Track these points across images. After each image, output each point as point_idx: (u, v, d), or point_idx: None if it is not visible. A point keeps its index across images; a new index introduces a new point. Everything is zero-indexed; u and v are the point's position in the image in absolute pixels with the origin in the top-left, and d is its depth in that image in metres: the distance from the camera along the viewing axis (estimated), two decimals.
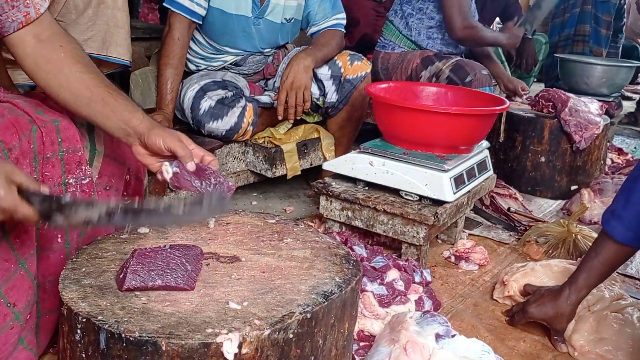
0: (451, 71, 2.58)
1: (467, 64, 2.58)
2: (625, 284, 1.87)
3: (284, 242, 1.21)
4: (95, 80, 1.19)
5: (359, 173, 1.92)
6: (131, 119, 1.18)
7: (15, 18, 1.14)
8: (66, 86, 1.17)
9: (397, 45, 2.83)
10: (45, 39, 1.18)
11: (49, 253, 1.19)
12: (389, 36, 2.86)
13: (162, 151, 1.18)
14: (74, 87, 1.17)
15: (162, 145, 1.16)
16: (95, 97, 1.17)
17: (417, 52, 2.76)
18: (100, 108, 1.18)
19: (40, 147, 1.16)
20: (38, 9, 1.17)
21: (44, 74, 1.18)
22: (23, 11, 1.15)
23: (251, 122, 2.17)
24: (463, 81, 2.52)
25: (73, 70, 1.18)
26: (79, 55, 1.21)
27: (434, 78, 2.63)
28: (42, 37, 1.18)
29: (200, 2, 2.13)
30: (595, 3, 4.40)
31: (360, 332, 1.45)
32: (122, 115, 1.18)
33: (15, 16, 1.14)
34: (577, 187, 2.67)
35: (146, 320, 0.90)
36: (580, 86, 3.64)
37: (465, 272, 1.92)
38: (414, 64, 2.74)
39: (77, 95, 1.17)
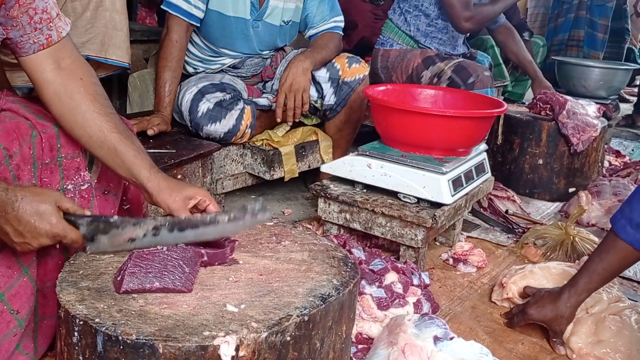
0: (453, 72, 2.58)
1: (470, 65, 2.59)
2: (623, 286, 1.87)
3: (281, 244, 1.21)
4: (110, 125, 1.18)
5: (357, 175, 1.92)
6: (140, 173, 1.18)
7: (36, 40, 1.14)
8: (81, 124, 1.17)
9: (396, 42, 2.84)
10: (65, 67, 1.18)
11: (47, 258, 1.19)
12: (388, 33, 2.88)
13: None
14: (89, 128, 1.17)
15: (167, 211, 1.18)
16: (108, 144, 1.17)
17: (418, 52, 2.76)
18: (111, 155, 1.18)
19: (39, 153, 1.16)
20: (60, 32, 1.17)
21: (62, 106, 1.17)
22: (45, 34, 1.15)
23: (249, 125, 2.17)
24: (465, 82, 2.53)
25: (90, 110, 1.17)
26: (96, 93, 1.20)
27: (436, 78, 2.64)
28: (63, 65, 1.18)
29: (198, 4, 2.13)
30: (591, 8, 4.41)
31: (359, 335, 1.44)
32: (132, 168, 1.18)
33: (37, 38, 1.14)
34: (574, 189, 2.68)
35: (143, 322, 0.89)
36: (578, 89, 3.65)
37: (464, 274, 1.92)
38: (414, 63, 2.74)
39: (91, 137, 1.17)
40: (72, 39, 1.23)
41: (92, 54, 1.95)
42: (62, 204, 1.04)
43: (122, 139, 1.18)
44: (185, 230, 1.06)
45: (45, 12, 1.14)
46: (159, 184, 1.17)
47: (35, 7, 1.12)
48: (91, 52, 1.95)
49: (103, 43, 1.96)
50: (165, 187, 1.17)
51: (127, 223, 1.06)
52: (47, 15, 1.14)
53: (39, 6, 1.12)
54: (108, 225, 1.05)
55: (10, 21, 1.10)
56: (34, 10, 1.12)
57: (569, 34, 4.52)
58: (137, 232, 1.05)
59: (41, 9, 1.13)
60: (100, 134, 1.17)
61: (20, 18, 1.10)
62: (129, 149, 1.18)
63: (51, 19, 1.15)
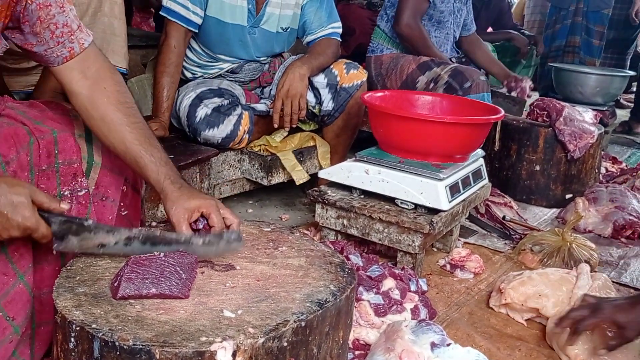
0: (450, 76, 2.59)
1: (466, 70, 2.60)
2: (620, 292, 1.87)
3: (279, 250, 1.21)
4: (132, 135, 1.22)
5: (354, 181, 1.92)
6: (157, 184, 1.21)
7: (60, 53, 1.19)
8: (106, 135, 1.22)
9: (385, 47, 2.88)
10: (90, 76, 1.22)
11: (44, 265, 1.18)
12: (377, 39, 2.92)
13: None
14: (113, 139, 1.22)
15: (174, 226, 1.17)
16: (129, 154, 1.22)
17: (411, 57, 2.78)
18: (133, 165, 1.23)
19: (36, 159, 1.16)
20: (82, 44, 1.22)
21: (89, 117, 1.23)
22: (68, 47, 1.19)
23: (247, 130, 2.18)
24: (462, 86, 2.54)
25: (113, 120, 1.22)
26: (119, 102, 1.24)
27: (432, 83, 2.65)
28: (88, 74, 1.22)
29: (196, 10, 2.14)
30: (587, 14, 4.44)
31: (356, 341, 1.44)
32: (150, 177, 1.22)
33: (60, 51, 1.18)
34: (571, 195, 2.68)
35: (140, 328, 0.89)
36: (575, 95, 3.67)
37: (461, 280, 1.92)
38: (409, 69, 2.75)
39: (115, 147, 1.23)
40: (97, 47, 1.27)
41: None
42: (37, 198, 1.03)
43: (141, 151, 1.21)
44: (158, 246, 1.06)
45: (66, 25, 1.18)
46: (167, 195, 1.19)
47: (56, 22, 1.16)
48: None
49: (101, 48, 1.95)
50: (172, 198, 1.18)
51: (100, 229, 1.06)
52: (68, 28, 1.18)
53: (60, 20, 1.16)
54: (81, 228, 1.06)
55: (34, 37, 1.15)
56: (55, 25, 1.16)
57: (566, 40, 4.55)
58: (108, 239, 1.05)
59: (62, 23, 1.17)
60: (122, 146, 1.22)
61: (43, 33, 1.15)
62: (147, 162, 1.21)
63: (72, 32, 1.19)
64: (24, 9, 1.11)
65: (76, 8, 1.89)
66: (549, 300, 1.64)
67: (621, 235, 2.36)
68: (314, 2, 2.35)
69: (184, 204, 1.17)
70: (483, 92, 2.54)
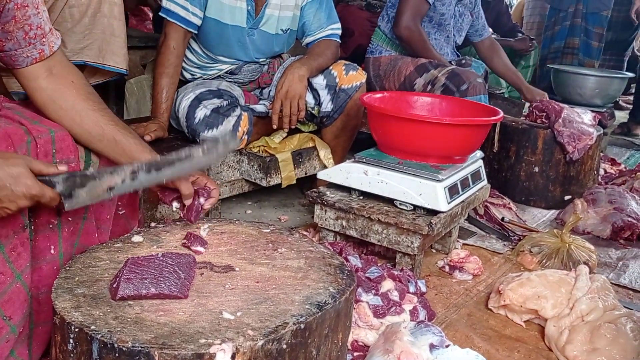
0: (447, 79, 2.60)
1: (463, 72, 2.61)
2: (618, 294, 1.88)
3: (278, 251, 1.21)
4: (106, 118, 1.24)
5: (353, 182, 1.92)
6: (140, 158, 1.23)
7: (30, 54, 1.18)
8: (79, 122, 1.22)
9: (385, 49, 2.88)
10: (56, 73, 1.22)
11: (42, 264, 1.18)
12: (377, 41, 2.92)
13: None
14: (87, 124, 1.22)
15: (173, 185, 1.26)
16: (107, 136, 1.23)
17: (409, 59, 2.78)
18: (112, 146, 1.23)
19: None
20: (52, 47, 1.22)
21: (57, 108, 1.22)
22: (38, 48, 1.19)
23: (246, 131, 2.17)
24: (459, 89, 2.54)
25: (85, 108, 1.22)
26: (88, 92, 1.25)
27: (430, 86, 2.65)
28: (54, 71, 1.22)
29: (195, 12, 2.14)
30: (586, 16, 4.45)
31: (355, 342, 1.44)
32: (132, 154, 1.23)
33: (30, 52, 1.18)
34: (570, 197, 2.69)
35: (139, 330, 0.89)
36: (574, 97, 3.67)
37: (460, 281, 1.92)
38: (407, 71, 2.75)
39: (90, 133, 1.22)
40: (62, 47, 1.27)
41: (90, 60, 1.95)
42: (34, 166, 1.04)
43: (119, 130, 1.24)
44: (162, 169, 1.08)
45: (40, 27, 1.18)
46: None
47: (31, 23, 1.16)
48: (89, 58, 1.95)
49: (101, 49, 1.96)
50: None
51: (104, 173, 1.07)
52: (41, 30, 1.18)
53: (34, 22, 1.16)
54: (85, 179, 1.06)
55: (5, 34, 1.13)
56: (29, 26, 1.15)
57: (565, 41, 4.56)
58: (115, 180, 1.06)
59: (36, 24, 1.17)
60: (98, 128, 1.22)
61: (16, 33, 1.14)
62: (128, 137, 1.24)
63: (44, 34, 1.19)
64: (3, 8, 1.10)
65: (75, 9, 1.91)
66: (548, 301, 1.65)
67: (620, 236, 2.36)
68: (313, 3, 2.35)
69: None
70: (480, 94, 2.54)
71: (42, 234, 1.17)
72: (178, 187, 1.27)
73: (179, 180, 1.26)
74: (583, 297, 1.62)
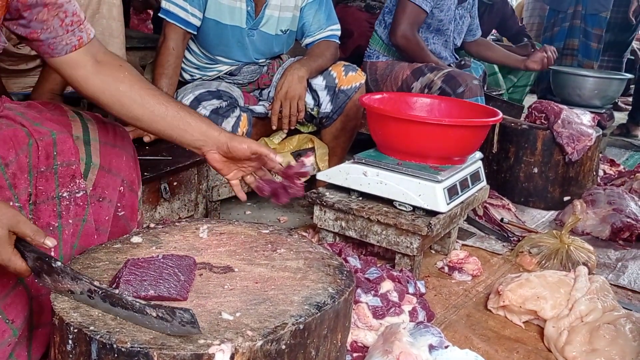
0: (443, 82, 2.60)
1: (459, 75, 2.61)
2: (617, 294, 1.88)
3: (277, 252, 1.21)
4: (165, 97, 1.24)
5: (352, 183, 1.92)
6: (209, 130, 1.24)
7: (69, 41, 1.18)
8: (140, 102, 1.21)
9: (382, 54, 2.89)
10: (102, 60, 1.23)
11: None
12: (374, 45, 2.93)
13: (244, 155, 1.25)
14: (149, 103, 1.22)
15: (247, 150, 1.23)
16: (171, 112, 1.22)
17: (405, 64, 2.79)
18: (177, 122, 1.23)
19: (35, 161, 1.16)
20: (89, 34, 1.22)
21: (114, 92, 1.21)
22: (77, 35, 1.19)
23: (245, 132, 2.17)
24: (455, 91, 2.54)
25: (142, 87, 1.22)
26: (139, 75, 1.26)
27: (426, 89, 2.66)
28: (99, 58, 1.22)
29: (195, 12, 2.14)
30: (585, 17, 4.46)
31: (354, 343, 1.44)
32: (200, 127, 1.23)
33: (69, 39, 1.18)
34: (569, 198, 2.69)
35: (138, 330, 0.89)
36: (573, 98, 3.68)
37: (459, 282, 1.92)
38: (403, 75, 2.76)
39: (153, 111, 1.22)
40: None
41: None
42: (20, 229, 0.95)
43: (181, 106, 1.24)
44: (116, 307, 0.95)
45: (76, 14, 1.18)
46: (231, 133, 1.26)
47: (66, 10, 1.16)
48: None
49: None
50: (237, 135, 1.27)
51: (66, 275, 0.98)
52: (78, 18, 1.19)
53: (69, 9, 1.16)
54: (50, 269, 0.99)
55: (40, 24, 1.13)
56: (64, 14, 1.15)
57: (564, 43, 4.56)
58: (74, 287, 0.98)
59: (71, 12, 1.17)
60: (161, 107, 1.22)
61: (52, 21, 1.14)
62: (192, 112, 1.25)
63: (81, 21, 1.20)
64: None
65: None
66: (547, 302, 1.65)
67: (619, 237, 2.37)
68: (313, 4, 2.35)
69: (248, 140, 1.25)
70: (476, 96, 2.54)
71: None
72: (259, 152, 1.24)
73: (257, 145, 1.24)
74: (582, 298, 1.62)
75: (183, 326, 0.90)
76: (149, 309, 0.93)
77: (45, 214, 1.15)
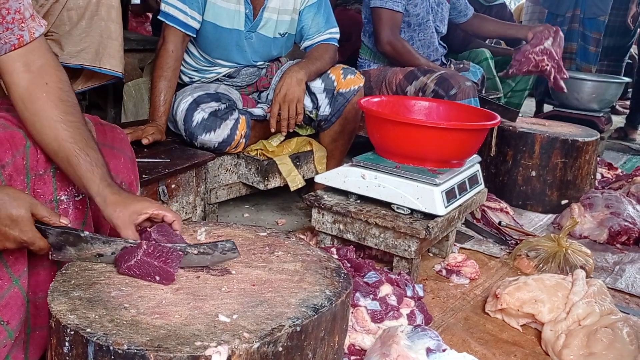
0: (436, 84, 2.61)
1: (452, 77, 2.61)
2: (615, 298, 1.88)
3: (275, 255, 1.21)
4: (66, 133, 1.14)
5: (351, 186, 1.92)
6: (89, 187, 1.13)
7: (7, 40, 1.12)
8: (39, 131, 1.14)
9: (372, 62, 2.95)
10: (34, 71, 1.15)
11: (39, 269, 1.18)
12: (364, 55, 2.99)
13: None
14: (45, 135, 1.13)
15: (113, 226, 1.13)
16: (61, 154, 1.14)
17: (397, 69, 2.80)
18: (65, 165, 1.15)
19: (33, 164, 1.15)
20: (33, 33, 1.15)
21: (25, 110, 1.14)
22: (17, 34, 1.13)
23: (244, 135, 2.18)
24: (448, 93, 2.55)
25: (49, 117, 1.14)
26: (60, 98, 1.16)
27: (420, 93, 2.67)
28: (33, 68, 1.15)
29: (194, 15, 2.14)
30: (583, 21, 4.47)
31: (351, 346, 1.44)
32: (82, 180, 1.13)
33: (8, 38, 1.12)
34: (567, 201, 2.69)
35: (135, 332, 0.89)
36: (571, 102, 3.69)
37: (457, 285, 1.92)
38: (397, 80, 2.78)
39: (47, 145, 1.15)
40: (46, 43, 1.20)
41: (87, 64, 1.95)
42: (37, 211, 1.03)
43: (75, 150, 1.13)
44: None
45: (18, 12, 1.12)
46: (106, 198, 1.12)
47: (9, 8, 1.11)
48: (86, 62, 1.95)
49: (97, 52, 1.96)
50: (112, 201, 1.12)
51: (97, 240, 1.06)
52: (20, 15, 1.13)
53: (12, 6, 1.11)
54: (78, 239, 1.07)
55: None
56: (6, 11, 1.10)
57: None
58: (105, 250, 1.06)
59: (14, 9, 1.12)
60: (55, 144, 1.13)
61: None
62: (82, 161, 1.13)
63: (24, 20, 1.13)
64: None
65: (73, 12, 1.91)
66: (545, 305, 1.65)
67: (616, 241, 2.37)
68: (311, 7, 2.35)
69: (128, 207, 1.11)
70: (470, 97, 2.55)
71: None
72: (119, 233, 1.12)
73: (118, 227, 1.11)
74: (580, 302, 1.62)
75: (224, 254, 1.06)
76: (190, 248, 1.08)
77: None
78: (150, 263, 1.03)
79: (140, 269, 1.04)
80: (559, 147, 2.66)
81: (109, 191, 1.12)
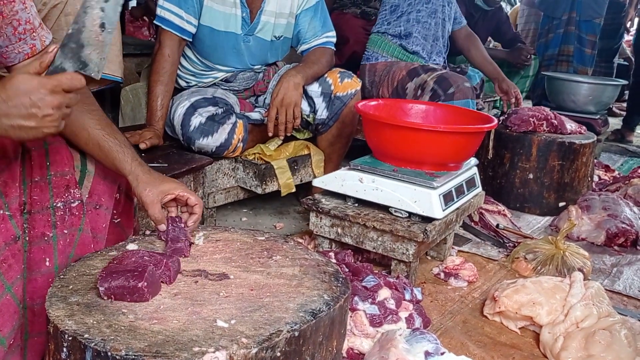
0: (435, 83, 2.62)
1: (451, 76, 2.63)
2: (613, 300, 1.88)
3: (273, 259, 1.21)
4: (93, 121, 1.23)
5: (348, 190, 1.92)
6: (122, 167, 1.22)
7: (21, 50, 1.17)
8: (68, 124, 1.17)
9: (381, 55, 2.93)
10: None
11: (37, 276, 1.17)
12: (372, 47, 2.98)
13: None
14: (74, 126, 1.21)
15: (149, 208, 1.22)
16: (92, 140, 1.22)
17: (403, 64, 2.81)
18: (97, 150, 1.23)
19: (28, 170, 1.16)
20: (44, 41, 1.21)
21: None
22: (29, 43, 1.18)
23: (241, 139, 2.18)
24: (446, 92, 2.56)
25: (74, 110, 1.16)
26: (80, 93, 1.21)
27: (419, 90, 2.68)
28: None
29: (190, 20, 2.15)
30: (579, 24, 4.49)
31: (350, 350, 1.44)
32: (114, 161, 1.23)
33: (21, 48, 1.17)
34: (565, 203, 2.70)
35: (133, 338, 0.89)
36: (567, 104, 3.70)
37: (455, 288, 1.92)
38: (399, 75, 2.79)
39: (77, 135, 1.22)
40: None
41: None
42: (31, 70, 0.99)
43: (104, 135, 1.22)
44: None
45: (29, 22, 1.17)
46: (138, 177, 1.22)
47: (19, 19, 1.15)
48: None
49: None
50: (144, 180, 1.21)
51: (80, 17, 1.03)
52: (31, 25, 1.17)
53: (23, 17, 1.15)
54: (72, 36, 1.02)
55: None
56: (17, 22, 1.15)
57: (559, 49, 4.59)
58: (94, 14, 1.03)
59: (25, 19, 1.16)
60: (84, 132, 1.21)
61: (5, 29, 1.14)
62: (112, 144, 1.22)
63: (34, 29, 1.18)
64: None
65: (71, 17, 1.91)
66: (543, 308, 1.65)
67: (614, 243, 2.37)
68: (308, 11, 2.36)
69: (158, 187, 1.21)
70: (467, 98, 2.56)
71: (37, 246, 1.16)
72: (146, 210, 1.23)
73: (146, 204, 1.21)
74: (577, 304, 1.62)
75: None
76: None
77: (39, 224, 1.15)
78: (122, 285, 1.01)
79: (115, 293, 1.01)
80: (556, 149, 2.67)
81: (141, 170, 1.22)
